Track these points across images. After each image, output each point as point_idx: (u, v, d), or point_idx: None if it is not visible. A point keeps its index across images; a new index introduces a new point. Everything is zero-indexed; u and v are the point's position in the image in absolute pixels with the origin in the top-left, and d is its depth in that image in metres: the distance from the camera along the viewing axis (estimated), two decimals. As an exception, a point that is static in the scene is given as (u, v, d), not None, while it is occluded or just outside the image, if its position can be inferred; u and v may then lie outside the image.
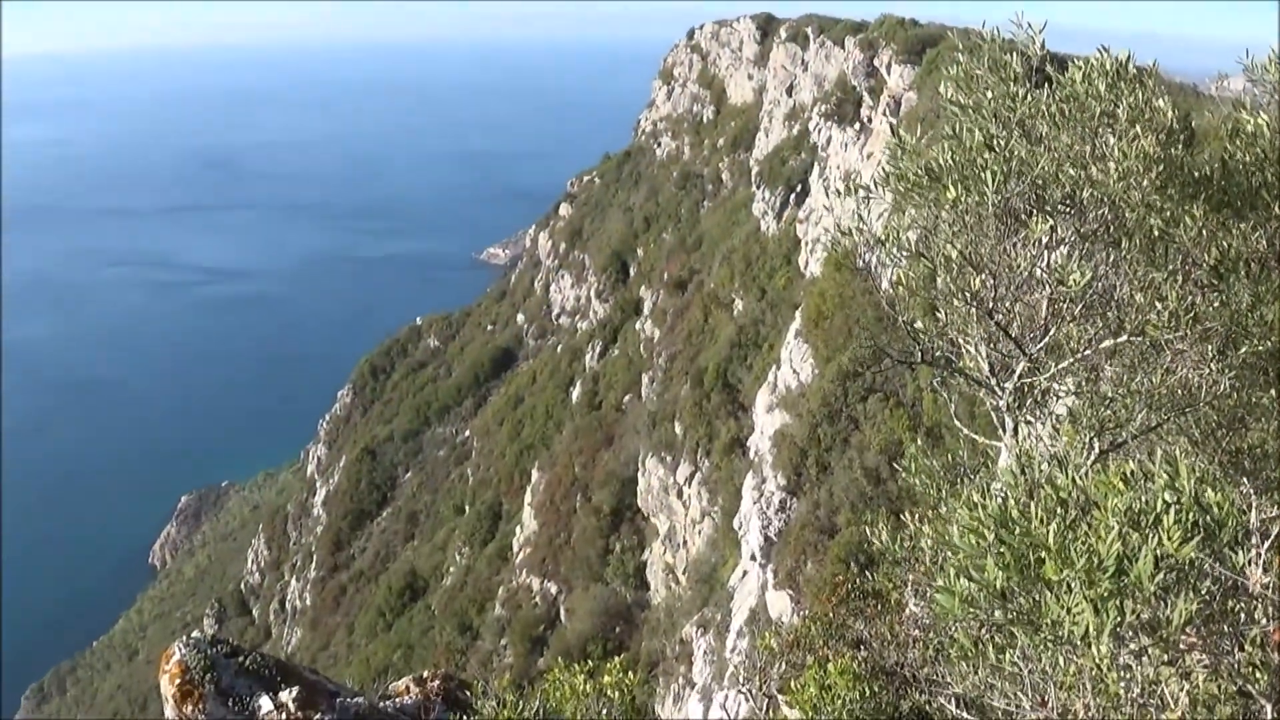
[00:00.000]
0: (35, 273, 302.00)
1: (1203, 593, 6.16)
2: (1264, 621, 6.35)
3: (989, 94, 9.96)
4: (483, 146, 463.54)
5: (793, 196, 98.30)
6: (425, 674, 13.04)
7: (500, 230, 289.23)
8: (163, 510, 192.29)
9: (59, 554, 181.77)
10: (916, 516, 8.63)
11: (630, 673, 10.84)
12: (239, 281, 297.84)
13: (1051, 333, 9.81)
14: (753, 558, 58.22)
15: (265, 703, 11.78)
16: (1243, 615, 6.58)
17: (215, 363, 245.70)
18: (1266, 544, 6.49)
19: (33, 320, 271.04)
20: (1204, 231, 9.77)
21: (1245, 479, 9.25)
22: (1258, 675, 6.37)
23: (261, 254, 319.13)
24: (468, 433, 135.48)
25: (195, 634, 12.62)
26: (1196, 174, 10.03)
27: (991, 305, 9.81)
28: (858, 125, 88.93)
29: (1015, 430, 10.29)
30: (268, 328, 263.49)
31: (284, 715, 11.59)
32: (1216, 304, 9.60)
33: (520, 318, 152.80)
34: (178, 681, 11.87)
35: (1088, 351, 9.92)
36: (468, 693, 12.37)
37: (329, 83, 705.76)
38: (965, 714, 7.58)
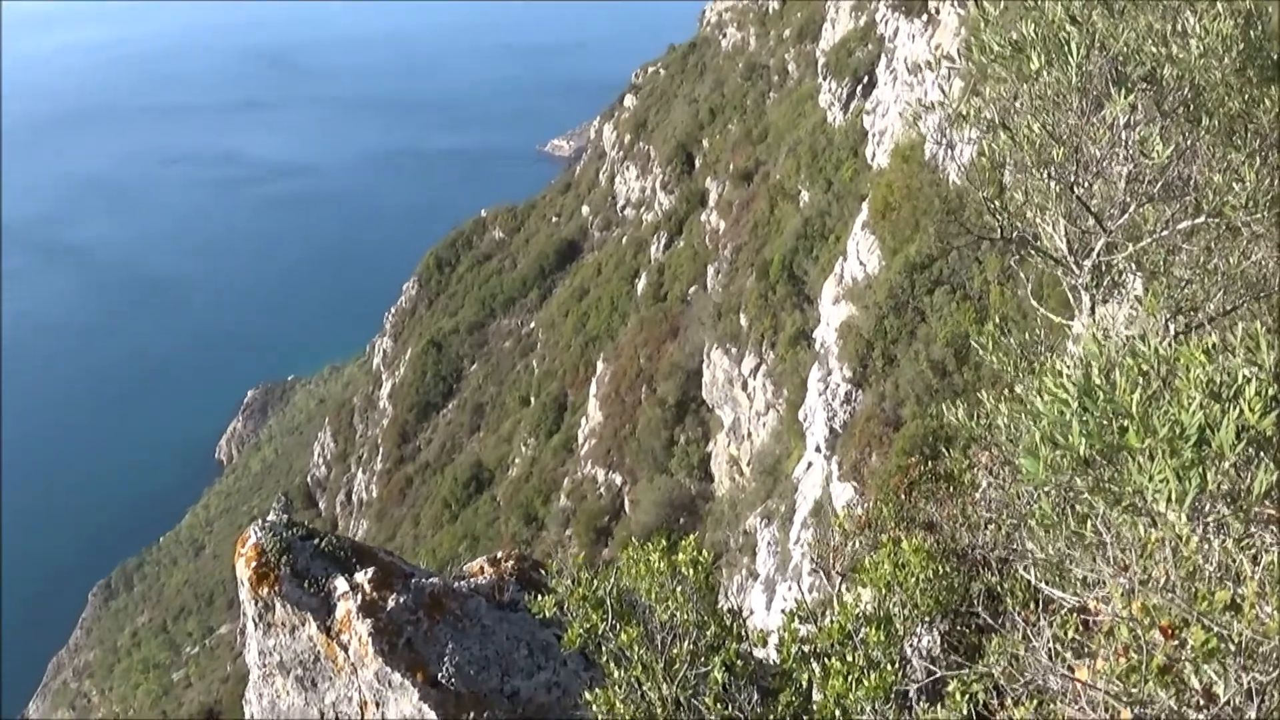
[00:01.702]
0: (97, 173, 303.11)
1: (1283, 464, 6.18)
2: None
3: (1071, -32, 9.86)
4: (542, 38, 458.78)
5: (859, 88, 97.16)
6: (499, 554, 13.19)
7: (563, 122, 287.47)
8: (228, 405, 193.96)
9: (125, 451, 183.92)
10: (991, 396, 8.64)
11: (704, 551, 10.93)
12: (302, 177, 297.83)
13: (1131, 210, 9.75)
14: (817, 449, 58.42)
15: (340, 583, 11.94)
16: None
17: (279, 258, 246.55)
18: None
19: (96, 220, 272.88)
20: (1283, 115, 9.68)
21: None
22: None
23: (324, 150, 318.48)
24: (533, 324, 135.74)
25: (270, 517, 12.76)
26: (1276, 56, 9.92)
27: (1073, 179, 9.76)
28: (925, 17, 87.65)
29: (1092, 309, 10.27)
30: (331, 222, 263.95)
31: (359, 596, 11.74)
32: (1294, 188, 9.52)
33: (585, 210, 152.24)
34: (253, 564, 12.04)
35: (1164, 232, 9.86)
36: (542, 572, 12.51)
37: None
38: (1044, 584, 7.64)
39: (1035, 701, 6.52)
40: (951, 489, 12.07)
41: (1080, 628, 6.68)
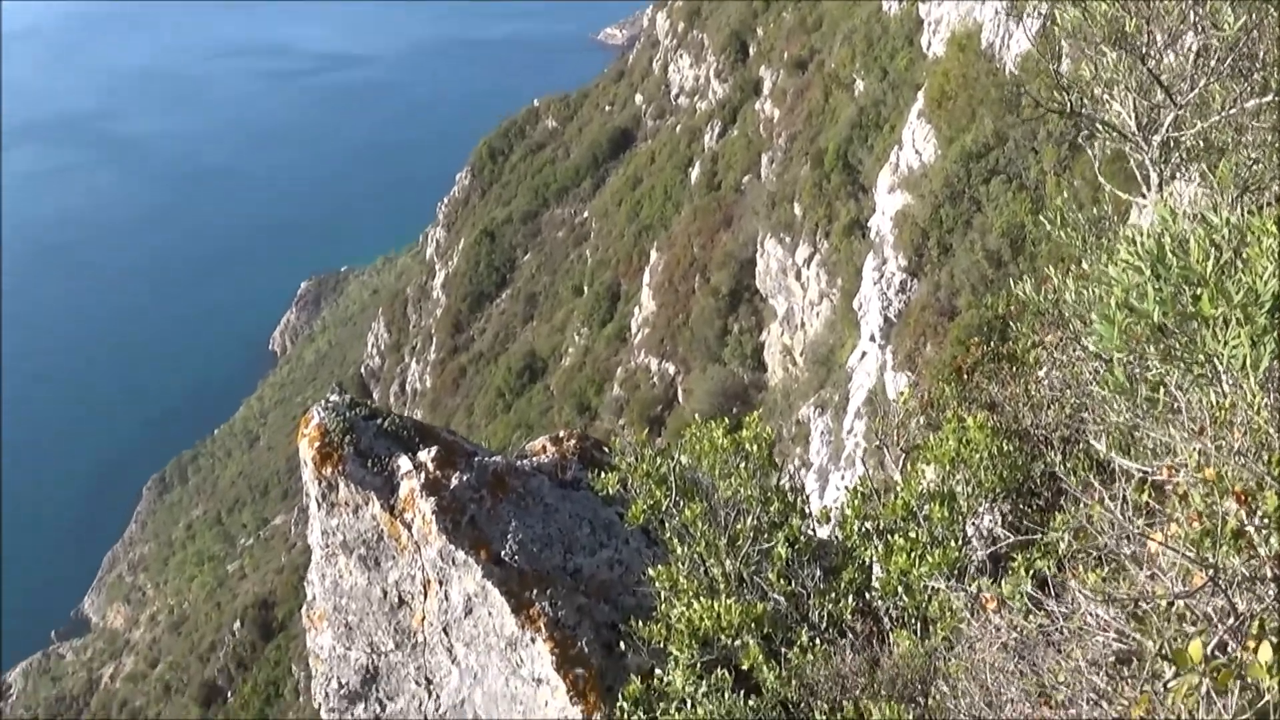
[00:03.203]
0: (150, 67, 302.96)
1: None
2: None
3: None
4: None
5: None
6: (561, 434, 13.26)
7: (616, 10, 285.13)
8: (282, 296, 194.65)
9: (179, 344, 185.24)
10: (1059, 272, 8.59)
11: (768, 428, 10.96)
12: (354, 68, 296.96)
13: (1200, 86, 9.65)
14: (872, 339, 58.35)
15: (404, 462, 12.02)
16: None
17: (332, 149, 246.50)
18: None
19: (149, 113, 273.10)
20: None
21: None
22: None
23: (376, 40, 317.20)
24: (586, 214, 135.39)
25: (334, 398, 12.79)
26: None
27: (1144, 51, 9.65)
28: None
29: (1160, 186, 10.20)
30: (384, 113, 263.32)
31: (422, 474, 11.81)
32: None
33: (638, 98, 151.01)
34: (317, 444, 12.11)
35: (1232, 110, 9.75)
36: (605, 450, 12.57)
37: None
38: (1113, 454, 7.64)
39: (1105, 569, 6.55)
40: (1014, 369, 12.01)
41: (1152, 493, 6.70)
